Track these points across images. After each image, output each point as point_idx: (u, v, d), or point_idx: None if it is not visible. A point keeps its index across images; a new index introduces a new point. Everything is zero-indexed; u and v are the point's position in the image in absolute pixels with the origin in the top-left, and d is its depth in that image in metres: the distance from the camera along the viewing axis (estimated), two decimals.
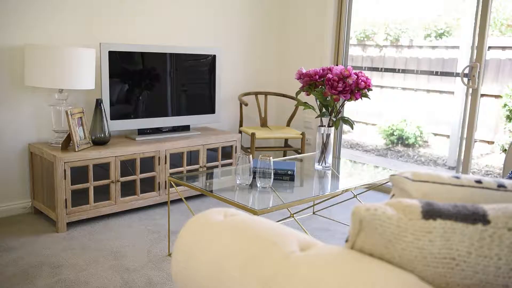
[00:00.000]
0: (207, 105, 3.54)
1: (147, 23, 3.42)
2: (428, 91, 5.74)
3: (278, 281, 0.81)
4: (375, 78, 6.04)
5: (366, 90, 2.47)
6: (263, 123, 4.01)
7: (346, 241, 0.89)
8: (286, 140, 4.01)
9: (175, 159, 3.25)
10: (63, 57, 2.69)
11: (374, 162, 5.62)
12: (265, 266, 0.84)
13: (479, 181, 1.00)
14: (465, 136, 3.24)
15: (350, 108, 6.11)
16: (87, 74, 2.81)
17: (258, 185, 2.22)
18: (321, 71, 2.55)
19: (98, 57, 3.12)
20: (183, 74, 3.37)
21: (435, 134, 5.72)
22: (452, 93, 5.36)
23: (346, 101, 2.50)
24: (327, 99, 2.49)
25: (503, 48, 5.26)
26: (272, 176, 2.21)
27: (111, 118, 3.05)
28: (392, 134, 5.83)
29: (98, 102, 2.90)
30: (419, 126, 5.69)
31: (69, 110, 2.73)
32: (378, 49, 6.08)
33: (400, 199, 0.86)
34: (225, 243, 0.93)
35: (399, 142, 5.80)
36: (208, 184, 2.35)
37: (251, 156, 2.23)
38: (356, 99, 2.45)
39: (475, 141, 5.46)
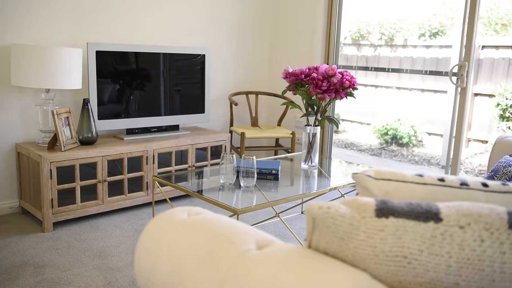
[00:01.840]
0: (196, 105, 3.53)
1: (136, 23, 3.42)
2: (422, 90, 5.74)
3: (231, 278, 0.80)
4: (369, 78, 6.03)
5: (351, 89, 2.46)
6: (254, 123, 4.00)
7: (305, 239, 0.89)
8: (277, 139, 4.01)
9: (165, 159, 3.25)
10: (50, 57, 2.69)
11: (368, 162, 5.62)
12: (221, 264, 0.84)
13: (442, 179, 1.00)
14: (454, 135, 3.23)
15: (345, 108, 6.11)
16: (74, 74, 2.81)
17: (242, 184, 2.22)
18: (307, 70, 2.54)
19: (85, 57, 3.12)
20: (172, 74, 3.37)
21: (429, 134, 5.72)
22: (446, 92, 5.36)
23: (332, 100, 2.50)
24: (312, 98, 2.48)
25: (497, 47, 5.26)
26: (256, 175, 2.21)
27: (99, 118, 3.04)
28: (386, 134, 5.83)
29: (85, 102, 2.90)
30: (413, 126, 5.68)
31: (55, 110, 2.73)
32: (373, 48, 6.07)
33: (356, 197, 0.86)
34: (184, 241, 0.93)
35: (393, 142, 5.80)
36: (192, 183, 2.34)
37: (234, 155, 2.23)
38: (341, 98, 2.45)
39: (469, 140, 5.46)
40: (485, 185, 0.99)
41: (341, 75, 2.42)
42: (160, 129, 3.40)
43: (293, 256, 0.81)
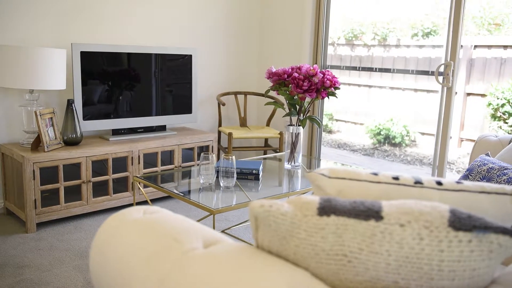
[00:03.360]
0: (184, 105, 3.53)
1: (121, 24, 3.42)
2: (415, 90, 5.74)
3: (172, 277, 0.80)
4: (363, 78, 6.03)
5: (332, 88, 2.46)
6: (243, 123, 4.00)
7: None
8: (265, 139, 4.00)
9: (152, 159, 3.24)
10: (33, 57, 2.68)
11: (361, 162, 5.61)
12: (164, 262, 0.84)
13: (396, 178, 1.00)
14: (440, 134, 3.23)
15: (339, 108, 6.10)
16: (57, 75, 2.81)
17: (221, 184, 2.22)
18: (290, 70, 2.54)
19: (69, 57, 3.12)
20: (158, 74, 3.36)
21: (422, 134, 5.71)
22: (437, 92, 5.36)
23: (314, 100, 2.49)
24: (294, 98, 2.48)
25: (489, 47, 5.25)
26: (235, 175, 2.21)
27: (85, 119, 3.04)
28: (379, 134, 5.82)
29: (70, 103, 2.89)
30: (406, 125, 5.68)
31: (39, 111, 2.72)
32: (366, 48, 6.07)
33: (301, 196, 0.86)
34: (132, 240, 0.93)
35: (386, 142, 5.79)
36: (174, 184, 2.34)
37: (214, 155, 2.22)
38: (322, 97, 2.44)
39: (462, 140, 5.45)
40: (439, 183, 0.99)
41: (322, 75, 2.42)
42: (146, 129, 3.40)
43: (235, 255, 0.80)
